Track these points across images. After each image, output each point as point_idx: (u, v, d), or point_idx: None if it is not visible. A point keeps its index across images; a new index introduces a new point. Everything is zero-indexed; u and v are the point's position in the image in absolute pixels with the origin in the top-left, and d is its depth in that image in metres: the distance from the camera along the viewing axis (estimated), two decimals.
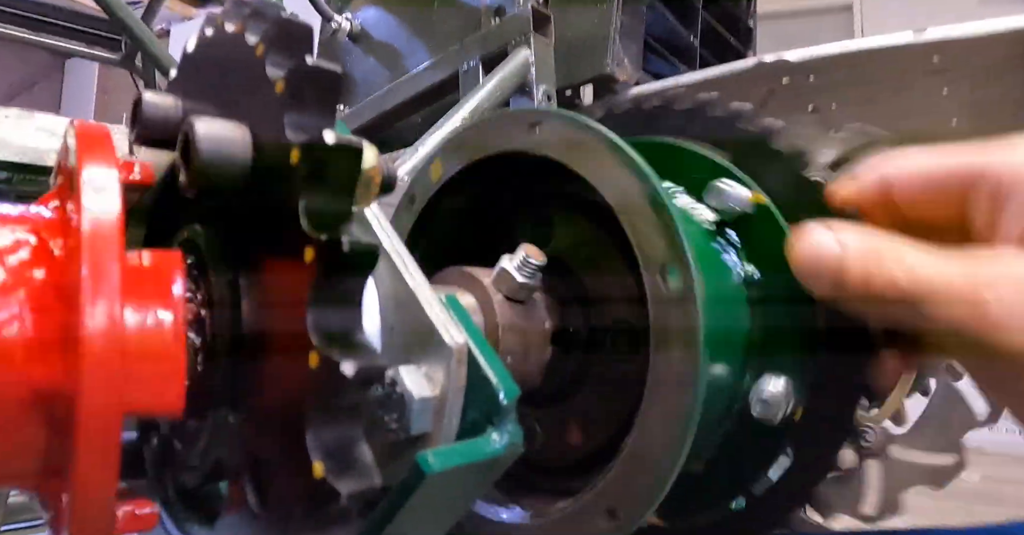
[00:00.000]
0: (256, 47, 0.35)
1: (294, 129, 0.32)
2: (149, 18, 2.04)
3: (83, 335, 0.28)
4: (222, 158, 0.34)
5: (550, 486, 0.66)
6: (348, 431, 0.32)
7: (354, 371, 0.30)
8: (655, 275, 0.51)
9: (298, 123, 0.33)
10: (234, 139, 0.35)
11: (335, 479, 0.30)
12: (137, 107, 0.41)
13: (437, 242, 0.72)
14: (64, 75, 7.33)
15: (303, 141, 0.32)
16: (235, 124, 0.36)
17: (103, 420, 0.29)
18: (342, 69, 1.40)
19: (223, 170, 0.35)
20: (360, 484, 0.31)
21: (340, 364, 0.30)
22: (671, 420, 0.50)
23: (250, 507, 0.35)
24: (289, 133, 0.32)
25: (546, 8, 1.30)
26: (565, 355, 0.63)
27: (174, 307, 0.34)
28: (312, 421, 0.31)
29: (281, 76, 0.33)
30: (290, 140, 0.32)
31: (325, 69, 0.33)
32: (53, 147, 0.93)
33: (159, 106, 0.41)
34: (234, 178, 0.35)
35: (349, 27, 1.74)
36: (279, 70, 0.34)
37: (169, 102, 0.41)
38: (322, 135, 0.31)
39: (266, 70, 0.34)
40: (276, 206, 0.33)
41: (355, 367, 0.30)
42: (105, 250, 0.30)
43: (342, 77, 0.34)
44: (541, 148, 0.60)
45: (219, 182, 0.35)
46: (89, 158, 0.32)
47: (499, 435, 0.41)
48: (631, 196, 0.54)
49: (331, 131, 0.32)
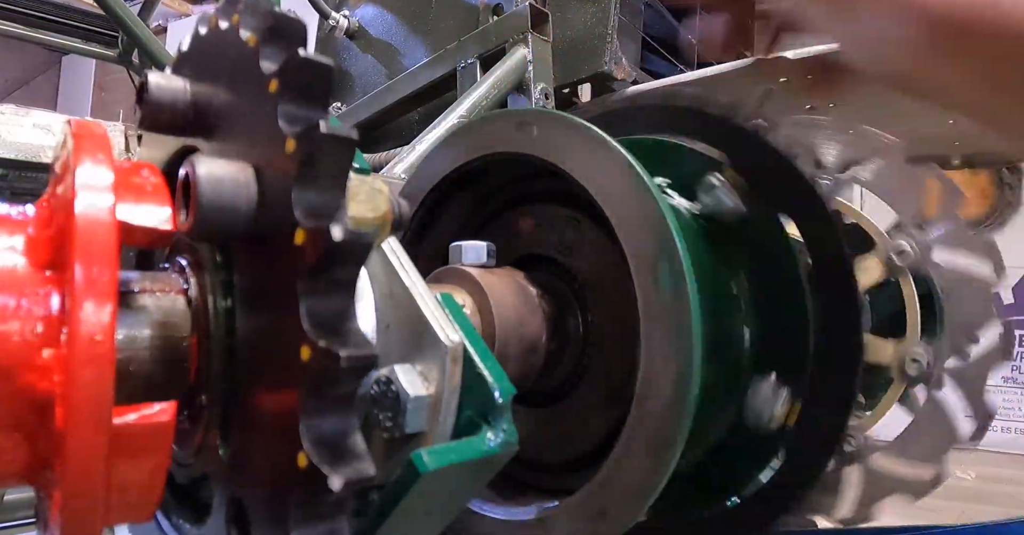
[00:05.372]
0: (249, 39, 0.35)
1: (287, 120, 0.32)
2: (146, 15, 2.03)
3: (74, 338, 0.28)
4: (226, 208, 0.34)
5: (545, 485, 0.66)
6: (342, 421, 0.32)
7: (347, 359, 0.30)
8: (646, 274, 0.52)
9: (292, 114, 0.33)
10: (238, 184, 0.34)
11: (328, 469, 0.30)
12: (143, 89, 0.40)
13: (439, 242, 0.72)
14: (61, 71, 7.31)
15: (296, 131, 0.32)
16: (239, 165, 0.35)
17: (92, 417, 0.29)
18: (339, 67, 1.40)
19: (227, 220, 0.34)
20: (354, 473, 0.30)
21: (335, 353, 0.30)
22: (663, 421, 0.50)
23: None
24: (282, 124, 0.32)
25: (544, 6, 1.30)
26: (561, 354, 0.64)
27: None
28: (305, 411, 0.31)
29: (274, 69, 0.33)
30: (283, 131, 0.32)
31: (317, 61, 0.33)
32: (49, 144, 0.92)
33: (165, 88, 0.40)
34: (237, 227, 0.35)
35: (347, 24, 1.74)
36: (272, 63, 0.34)
37: (176, 84, 0.41)
38: (316, 125, 0.31)
39: (259, 62, 0.34)
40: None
41: (348, 355, 0.30)
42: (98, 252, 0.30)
43: (334, 69, 0.34)
44: (527, 147, 0.60)
45: (222, 232, 0.35)
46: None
47: (494, 434, 0.41)
48: (618, 191, 0.54)
49: (325, 121, 0.32)
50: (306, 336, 0.30)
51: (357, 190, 0.38)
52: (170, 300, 0.37)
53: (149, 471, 0.33)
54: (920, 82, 0.46)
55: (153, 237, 0.34)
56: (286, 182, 0.32)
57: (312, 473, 0.30)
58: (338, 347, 0.30)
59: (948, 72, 0.43)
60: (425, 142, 1.13)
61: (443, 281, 0.61)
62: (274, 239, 0.33)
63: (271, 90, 0.33)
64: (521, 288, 0.63)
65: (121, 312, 0.34)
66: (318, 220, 0.31)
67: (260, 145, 0.34)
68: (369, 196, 0.39)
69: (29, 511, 1.13)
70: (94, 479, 0.30)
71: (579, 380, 0.65)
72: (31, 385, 0.30)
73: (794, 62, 1.09)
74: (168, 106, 0.40)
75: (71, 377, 0.28)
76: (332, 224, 0.30)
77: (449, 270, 0.62)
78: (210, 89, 0.39)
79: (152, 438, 0.33)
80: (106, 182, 0.32)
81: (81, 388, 0.28)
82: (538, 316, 0.62)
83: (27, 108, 0.94)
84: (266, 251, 0.34)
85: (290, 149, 0.32)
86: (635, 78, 1.31)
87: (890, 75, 0.48)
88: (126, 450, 0.32)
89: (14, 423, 0.30)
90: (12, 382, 0.30)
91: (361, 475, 0.31)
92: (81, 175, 0.31)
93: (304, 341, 0.30)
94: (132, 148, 0.74)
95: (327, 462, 0.30)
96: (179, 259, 0.40)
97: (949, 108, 0.49)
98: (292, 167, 0.31)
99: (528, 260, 0.68)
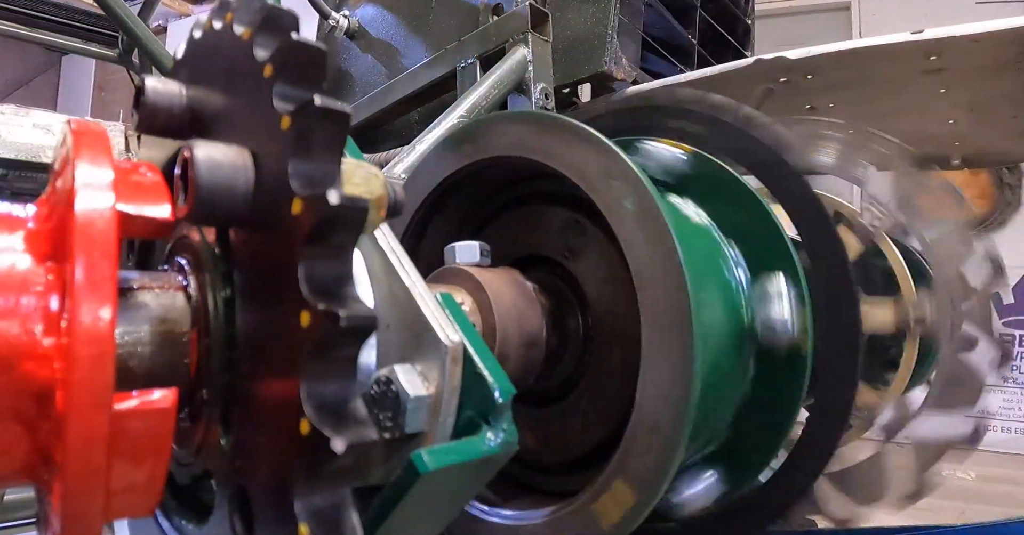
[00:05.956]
0: (243, 34, 0.35)
1: (282, 99, 0.33)
2: (146, 15, 2.03)
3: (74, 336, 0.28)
4: (223, 190, 0.34)
5: (546, 486, 0.66)
6: (343, 386, 0.32)
7: (347, 319, 0.30)
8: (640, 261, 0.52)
9: (286, 94, 0.33)
10: (235, 166, 0.34)
11: (331, 433, 0.30)
12: (139, 93, 0.40)
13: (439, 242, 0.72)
14: (61, 71, 7.31)
15: (290, 109, 0.32)
16: (236, 149, 0.35)
17: (93, 400, 0.29)
18: (339, 67, 1.40)
19: (225, 203, 0.34)
20: (356, 435, 0.30)
21: (335, 313, 0.30)
22: (671, 405, 0.49)
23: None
24: (277, 103, 0.32)
25: (544, 6, 1.30)
26: (563, 347, 0.64)
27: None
28: (306, 375, 0.31)
29: (267, 55, 0.34)
30: (278, 110, 0.32)
31: (310, 44, 0.33)
32: (49, 144, 0.92)
33: (162, 92, 0.40)
34: (236, 211, 0.35)
35: (347, 24, 1.74)
36: (266, 51, 0.34)
37: (173, 88, 0.41)
38: (310, 100, 0.32)
39: (253, 53, 0.34)
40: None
41: (348, 315, 0.30)
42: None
43: (327, 52, 0.34)
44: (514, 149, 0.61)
45: (220, 215, 0.35)
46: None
47: (494, 434, 0.41)
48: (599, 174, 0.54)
49: (319, 96, 0.32)
50: (306, 303, 0.31)
51: (352, 173, 0.38)
52: (170, 296, 0.37)
53: (150, 461, 0.33)
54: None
55: (152, 227, 0.34)
56: (282, 162, 0.32)
57: (315, 438, 0.30)
58: (337, 308, 0.30)
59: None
60: (425, 142, 1.12)
61: (441, 281, 0.61)
62: (272, 218, 0.33)
63: (266, 75, 0.33)
64: (518, 283, 0.63)
65: (122, 309, 0.34)
66: (314, 188, 0.31)
67: (256, 130, 0.35)
68: (365, 179, 0.39)
69: (29, 511, 1.13)
70: (95, 467, 0.29)
71: (580, 379, 0.65)
72: (32, 374, 0.30)
73: (794, 62, 1.09)
74: (164, 110, 0.40)
75: (71, 360, 0.28)
76: (328, 190, 0.31)
77: (446, 270, 0.62)
78: (206, 89, 0.40)
79: (153, 425, 0.32)
80: (105, 174, 0.32)
81: (81, 371, 0.28)
82: (537, 310, 0.62)
83: (27, 108, 0.94)
84: (264, 232, 0.35)
85: (285, 126, 0.32)
86: (635, 78, 1.31)
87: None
88: (127, 438, 0.31)
89: (15, 413, 0.30)
90: (12, 371, 0.30)
91: (363, 438, 0.31)
92: (81, 167, 0.32)
93: (304, 307, 0.31)
94: (132, 148, 0.74)
95: (329, 426, 0.30)
96: (178, 259, 0.40)
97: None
98: (288, 143, 0.32)
99: (526, 261, 0.68)
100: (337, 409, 0.31)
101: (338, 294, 0.32)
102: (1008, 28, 0.95)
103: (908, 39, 1.02)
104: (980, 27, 0.97)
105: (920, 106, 1.21)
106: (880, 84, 1.13)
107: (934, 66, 1.05)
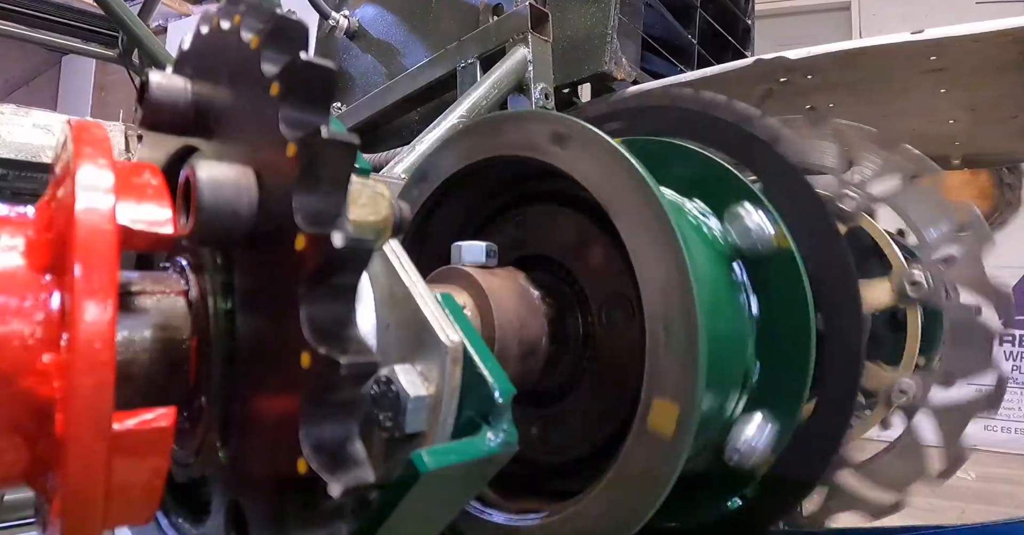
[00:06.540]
0: (251, 41, 0.35)
1: (289, 124, 0.32)
2: (146, 15, 2.04)
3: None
4: (226, 212, 0.33)
5: (547, 486, 0.66)
6: (342, 428, 0.32)
7: (347, 367, 0.30)
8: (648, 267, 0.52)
9: (293, 119, 0.32)
10: (239, 188, 0.34)
11: (328, 476, 0.30)
12: (143, 88, 0.40)
13: (439, 243, 0.72)
14: (61, 71, 7.31)
15: (297, 136, 0.32)
16: (240, 169, 0.35)
17: (92, 423, 0.29)
18: (339, 67, 1.39)
19: (227, 225, 0.34)
20: (354, 479, 0.30)
21: (335, 360, 0.30)
22: (673, 415, 0.50)
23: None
24: (284, 128, 0.32)
25: (544, 6, 1.30)
26: (562, 353, 0.63)
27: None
28: (304, 418, 0.31)
29: (275, 72, 0.33)
30: (285, 135, 0.32)
31: (319, 65, 0.33)
32: (49, 144, 0.92)
33: (167, 88, 0.40)
34: (238, 231, 0.34)
35: (347, 24, 1.74)
36: (274, 65, 0.34)
37: (178, 83, 0.40)
38: (317, 131, 0.31)
39: (261, 65, 0.34)
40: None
41: (349, 363, 0.30)
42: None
43: (336, 73, 0.34)
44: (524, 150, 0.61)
45: (223, 236, 0.35)
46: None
47: (494, 434, 0.41)
48: (622, 191, 0.54)
49: (326, 126, 0.32)
50: (306, 343, 0.30)
51: (359, 194, 0.38)
52: (170, 302, 0.37)
53: (148, 476, 0.33)
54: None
55: (153, 242, 0.34)
56: (287, 186, 0.32)
57: (311, 479, 0.30)
58: (338, 354, 0.30)
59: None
60: (425, 142, 1.13)
61: (443, 281, 0.61)
62: (275, 243, 0.33)
63: (272, 93, 0.33)
64: (523, 290, 0.62)
65: (121, 314, 0.33)
66: (319, 226, 0.31)
67: (261, 149, 0.34)
68: (371, 200, 0.39)
69: (29, 511, 1.13)
70: (94, 486, 0.30)
71: (577, 383, 0.64)
72: (31, 390, 0.30)
73: (794, 62, 1.09)
74: (169, 106, 0.40)
75: (71, 384, 0.28)
76: (333, 231, 0.30)
77: (450, 270, 0.61)
78: (211, 89, 0.39)
79: (152, 444, 0.32)
80: (106, 185, 0.32)
81: (81, 395, 0.28)
82: (539, 319, 0.62)
83: (27, 108, 0.94)
84: (267, 255, 0.34)
85: (291, 153, 0.32)
86: (635, 78, 1.31)
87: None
88: (126, 455, 0.31)
89: (14, 427, 0.30)
90: (12, 386, 0.30)
91: (360, 482, 0.31)
92: (81, 179, 0.31)
93: (304, 348, 0.30)
94: (132, 148, 0.74)
95: (326, 469, 0.30)
96: (179, 259, 0.40)
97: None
98: (293, 172, 0.31)
99: (531, 260, 0.68)
100: (335, 450, 0.31)
101: (340, 336, 0.31)
102: (1008, 28, 0.95)
103: (908, 39, 1.02)
104: (980, 27, 0.97)
105: (920, 106, 1.21)
106: (880, 84, 1.13)
107: (934, 66, 1.05)
